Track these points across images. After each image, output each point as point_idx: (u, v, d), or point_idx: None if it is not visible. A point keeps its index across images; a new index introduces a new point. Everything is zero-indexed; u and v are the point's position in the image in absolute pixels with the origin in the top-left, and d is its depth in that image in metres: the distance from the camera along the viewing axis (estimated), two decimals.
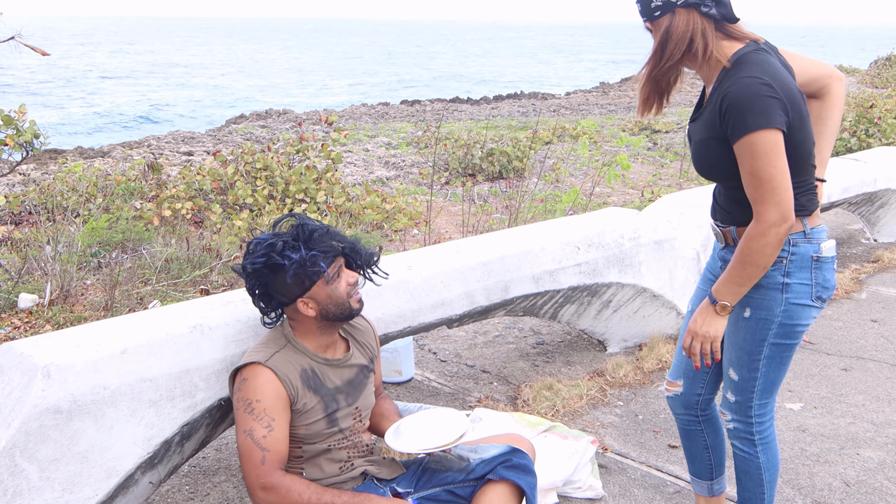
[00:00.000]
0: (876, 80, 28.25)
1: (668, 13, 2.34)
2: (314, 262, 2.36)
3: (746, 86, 2.23)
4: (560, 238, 3.98)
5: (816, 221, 2.46)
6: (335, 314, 2.43)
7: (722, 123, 2.30)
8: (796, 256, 2.41)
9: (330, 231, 2.46)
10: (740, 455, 2.66)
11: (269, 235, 2.42)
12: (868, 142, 11.35)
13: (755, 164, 2.23)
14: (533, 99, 26.15)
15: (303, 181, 8.32)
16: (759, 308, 2.46)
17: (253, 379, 2.34)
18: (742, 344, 2.51)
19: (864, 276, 6.15)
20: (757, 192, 2.26)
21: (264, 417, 2.31)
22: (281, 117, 20.65)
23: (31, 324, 5.16)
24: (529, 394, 4.02)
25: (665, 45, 2.36)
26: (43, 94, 38.19)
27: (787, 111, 2.24)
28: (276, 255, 2.36)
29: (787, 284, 2.42)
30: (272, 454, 2.30)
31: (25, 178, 10.74)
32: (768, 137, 2.20)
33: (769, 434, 2.63)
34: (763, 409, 2.59)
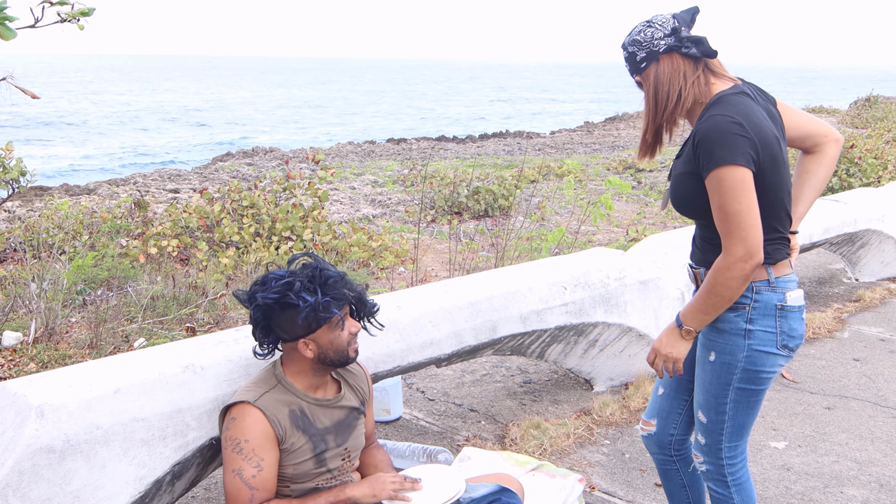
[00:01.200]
0: (856, 121, 28.66)
1: (653, 62, 2.45)
2: (327, 307, 2.39)
3: (716, 123, 2.31)
4: (547, 278, 4.03)
5: (784, 271, 2.48)
6: (332, 359, 2.46)
7: (695, 159, 2.37)
8: (759, 304, 2.44)
9: (344, 278, 2.50)
10: (715, 496, 2.68)
11: (285, 273, 2.44)
12: (849, 181, 11.52)
13: (722, 198, 2.29)
14: (518, 138, 26.39)
15: (289, 219, 8.36)
16: (722, 352, 2.49)
17: (241, 419, 2.36)
18: (708, 387, 2.55)
19: (846, 315, 6.23)
20: (723, 226, 2.31)
21: (253, 458, 2.33)
22: (267, 155, 20.73)
23: (14, 362, 5.14)
24: (517, 432, 4.04)
25: (657, 92, 2.46)
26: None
27: (758, 151, 2.30)
28: (291, 295, 2.38)
29: (750, 331, 2.44)
30: (261, 493, 2.33)
31: (11, 215, 10.72)
32: (735, 173, 2.27)
33: (742, 475, 2.65)
34: (733, 452, 2.61)
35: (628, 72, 2.52)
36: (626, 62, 2.52)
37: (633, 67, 2.50)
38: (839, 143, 2.69)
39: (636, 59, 2.48)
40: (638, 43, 2.46)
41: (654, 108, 2.50)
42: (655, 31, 2.44)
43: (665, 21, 2.44)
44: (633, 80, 2.53)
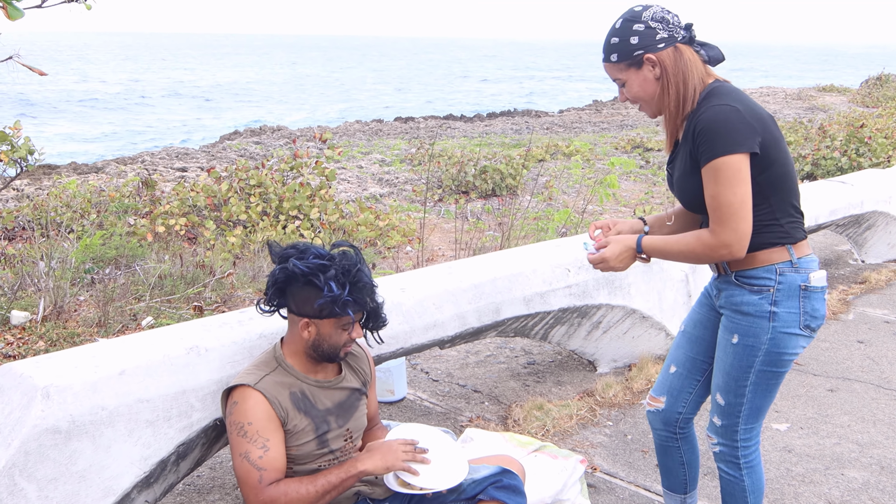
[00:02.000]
0: (867, 100, 28.48)
1: (671, 47, 2.43)
2: (346, 306, 2.41)
3: (717, 113, 2.33)
4: (551, 260, 4.04)
5: (805, 251, 2.51)
6: (323, 351, 2.49)
7: (695, 149, 2.39)
8: (783, 286, 2.46)
9: (373, 287, 2.51)
10: (726, 478, 2.71)
11: (326, 254, 2.44)
12: (858, 161, 11.47)
13: (717, 188, 2.33)
14: (526, 117, 26.29)
15: (297, 198, 8.38)
16: (746, 335, 2.51)
17: (243, 402, 2.39)
18: (729, 370, 2.57)
19: (852, 297, 6.23)
20: (716, 214, 2.36)
21: (258, 439, 2.35)
22: (275, 134, 20.71)
23: (24, 340, 5.19)
24: (520, 413, 4.07)
25: (686, 77, 2.43)
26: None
27: (758, 133, 2.34)
28: (321, 277, 2.39)
29: (775, 313, 2.47)
30: (269, 472, 2.34)
31: (19, 193, 10.77)
32: (732, 163, 2.30)
33: (754, 458, 2.68)
34: (749, 434, 2.64)
35: (630, 47, 2.42)
36: (634, 35, 2.42)
37: (647, 44, 2.41)
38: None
39: (654, 36, 2.41)
40: (664, 21, 2.42)
41: (679, 94, 2.45)
42: (674, 17, 2.44)
43: (677, 16, 2.45)
44: (634, 56, 2.43)
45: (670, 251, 2.52)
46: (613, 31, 2.46)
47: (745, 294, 2.51)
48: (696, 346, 2.78)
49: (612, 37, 2.46)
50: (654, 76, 2.44)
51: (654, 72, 2.44)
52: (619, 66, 2.47)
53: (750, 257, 2.48)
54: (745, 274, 2.50)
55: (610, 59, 2.48)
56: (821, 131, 13.68)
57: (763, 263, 2.47)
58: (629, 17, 2.44)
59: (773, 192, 2.41)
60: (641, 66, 2.44)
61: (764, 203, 2.42)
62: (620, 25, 2.44)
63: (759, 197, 2.40)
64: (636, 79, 2.46)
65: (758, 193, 2.40)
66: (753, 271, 2.48)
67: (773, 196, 2.42)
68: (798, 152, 12.84)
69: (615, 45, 2.45)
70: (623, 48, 2.43)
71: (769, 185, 2.40)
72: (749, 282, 2.50)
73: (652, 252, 2.56)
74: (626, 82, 2.49)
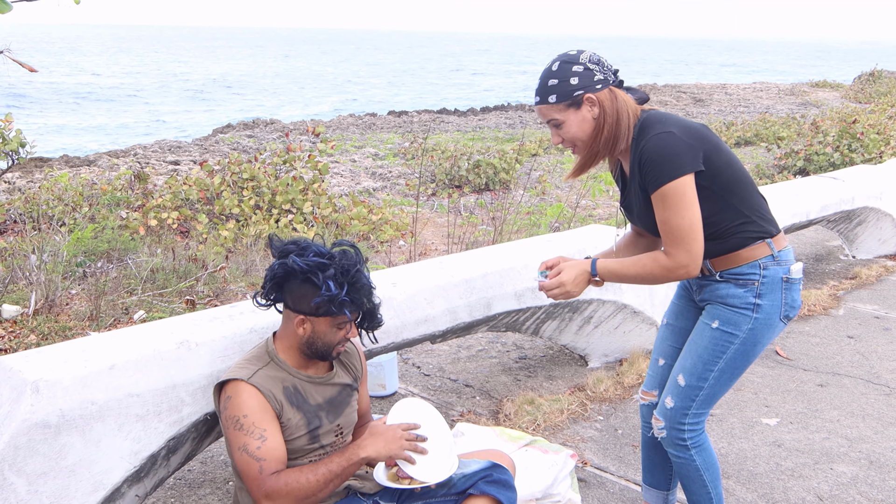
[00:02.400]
0: (859, 96, 28.56)
1: (606, 88, 2.50)
2: (342, 306, 2.41)
3: (656, 141, 2.42)
4: (542, 255, 4.04)
5: (782, 244, 2.60)
6: (317, 349, 2.49)
7: (644, 182, 2.47)
8: (767, 279, 2.55)
9: (370, 288, 2.52)
10: (678, 461, 2.77)
11: (326, 252, 2.44)
12: (851, 156, 11.50)
13: (665, 213, 2.42)
14: (520, 111, 26.29)
15: (290, 192, 8.37)
16: (727, 323, 2.59)
17: (237, 396, 2.38)
18: (701, 353, 2.63)
19: (842, 292, 6.25)
20: (669, 237, 2.45)
21: (255, 430, 2.35)
22: (268, 127, 20.67)
23: (15, 333, 5.18)
24: (511, 408, 4.08)
25: (619, 116, 2.50)
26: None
27: (697, 148, 2.42)
28: (319, 276, 2.39)
29: (759, 305, 2.55)
30: (269, 462, 2.34)
31: (10, 186, 10.73)
32: (677, 187, 2.39)
33: (700, 438, 2.74)
34: (697, 419, 2.71)
35: (570, 87, 2.47)
36: (574, 76, 2.47)
37: (586, 84, 2.47)
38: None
39: (593, 77, 2.47)
40: (600, 64, 2.49)
41: (613, 133, 2.51)
42: (607, 61, 2.52)
43: (607, 60, 2.54)
44: (574, 96, 2.48)
45: (626, 274, 2.58)
46: (551, 74, 2.50)
47: (730, 287, 2.59)
48: (681, 337, 2.84)
49: (550, 79, 2.50)
50: (593, 116, 2.50)
51: (593, 111, 2.50)
52: (557, 107, 2.50)
53: (734, 256, 2.56)
54: (730, 272, 2.59)
55: (548, 101, 2.51)
56: (813, 127, 13.73)
57: (747, 260, 2.55)
58: (567, 60, 2.49)
59: (730, 194, 2.50)
60: (581, 106, 2.49)
61: (727, 207, 2.51)
62: (558, 68, 2.49)
63: (721, 202, 2.50)
64: (575, 119, 2.51)
65: (718, 199, 2.49)
66: (738, 269, 2.57)
67: (732, 197, 2.51)
68: (790, 147, 12.87)
69: (554, 86, 2.49)
70: (563, 89, 2.48)
71: (725, 189, 2.49)
72: (735, 278, 2.58)
73: (607, 275, 2.62)
74: (563, 123, 2.52)
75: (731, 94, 31.80)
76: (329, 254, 2.44)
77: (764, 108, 25.61)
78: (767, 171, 11.92)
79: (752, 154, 15.06)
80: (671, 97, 29.81)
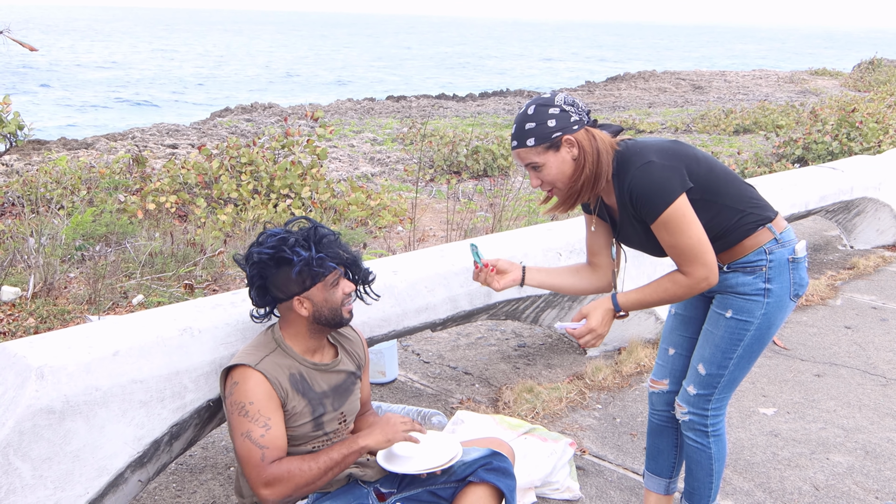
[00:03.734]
0: (859, 84, 28.53)
1: (582, 129, 2.49)
2: (321, 263, 2.43)
3: (640, 175, 2.45)
4: (542, 244, 4.06)
5: (782, 225, 2.66)
6: (327, 319, 2.49)
7: (639, 215, 2.50)
8: (774, 262, 2.60)
9: (338, 240, 2.53)
10: (693, 446, 2.83)
11: (281, 230, 2.47)
12: (849, 146, 11.49)
13: (673, 238, 2.45)
14: (519, 97, 26.23)
15: (288, 176, 8.36)
16: (741, 311, 2.63)
17: (244, 382, 2.39)
18: (718, 342, 2.68)
19: (840, 282, 6.27)
20: (682, 258, 2.49)
21: (260, 418, 2.36)
22: (266, 111, 20.62)
23: (14, 316, 5.19)
24: (510, 396, 4.10)
25: (599, 156, 2.50)
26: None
27: (679, 168, 2.46)
28: (286, 249, 2.41)
29: (769, 289, 2.61)
30: (272, 451, 2.35)
31: (8, 168, 10.71)
32: (676, 211, 2.42)
33: (721, 427, 2.81)
34: (720, 404, 2.78)
35: (547, 130, 2.46)
36: (550, 119, 2.46)
37: (564, 125, 2.46)
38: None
39: (569, 119, 2.47)
40: (575, 105, 2.49)
41: (594, 172, 2.50)
42: (580, 101, 2.52)
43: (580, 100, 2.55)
44: (552, 138, 2.47)
45: (650, 300, 2.60)
46: (527, 118, 2.49)
47: (738, 276, 2.63)
48: (690, 327, 2.88)
49: (527, 122, 2.48)
50: (572, 157, 2.49)
51: (572, 152, 2.49)
52: (536, 150, 2.49)
53: (738, 247, 2.61)
54: (737, 262, 2.63)
55: (526, 144, 2.49)
56: (812, 115, 13.73)
57: (753, 248, 2.60)
58: (542, 103, 2.48)
59: (721, 196, 2.55)
60: (560, 147, 2.48)
61: (722, 209, 2.56)
62: (534, 111, 2.48)
63: (715, 206, 2.54)
64: (554, 161, 2.50)
65: (712, 205, 2.54)
66: (745, 258, 2.61)
67: (723, 198, 2.56)
68: (789, 136, 12.87)
69: (531, 129, 2.48)
70: (540, 132, 2.47)
71: (714, 194, 2.54)
72: (742, 267, 2.62)
73: (631, 306, 2.62)
74: (542, 165, 2.51)
75: (730, 81, 31.77)
76: (284, 230, 2.49)
77: (763, 95, 25.60)
78: (766, 160, 11.92)
79: (750, 142, 15.07)
80: (670, 84, 29.78)
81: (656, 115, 19.67)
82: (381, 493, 2.59)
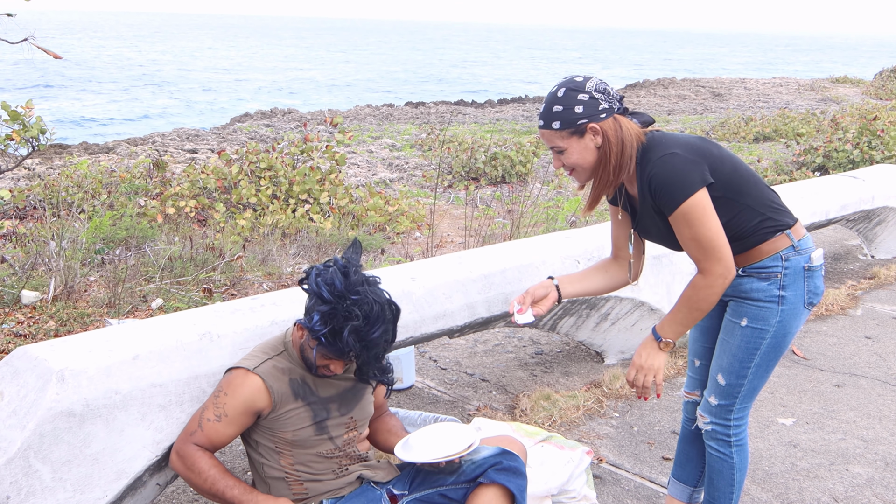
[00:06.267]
0: (880, 92, 28.31)
1: (610, 117, 2.49)
2: (334, 349, 2.40)
3: (662, 164, 2.43)
4: (560, 252, 4.05)
5: (801, 233, 2.64)
6: (304, 357, 2.54)
7: (658, 206, 2.49)
8: (790, 270, 2.59)
9: (379, 358, 2.50)
10: (715, 455, 2.83)
11: (350, 290, 2.38)
12: (870, 154, 11.40)
13: (692, 230, 2.44)
14: (537, 103, 26.23)
15: (306, 182, 8.40)
16: (755, 319, 2.62)
17: (235, 378, 2.48)
18: (735, 352, 2.68)
19: (860, 292, 6.22)
20: (699, 252, 2.47)
21: (220, 408, 2.46)
22: (286, 117, 20.72)
23: (34, 319, 5.23)
24: (527, 403, 4.09)
25: (624, 146, 2.49)
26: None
27: (702, 163, 2.45)
28: (339, 318, 2.36)
29: (783, 297, 2.59)
30: (202, 436, 2.46)
31: (30, 172, 10.81)
32: (695, 203, 2.41)
33: (743, 436, 2.81)
34: (742, 413, 2.77)
35: (574, 116, 2.45)
36: (578, 105, 2.45)
37: (591, 113, 2.45)
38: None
39: (597, 107, 2.46)
40: (606, 93, 2.47)
41: (618, 162, 2.51)
42: (612, 89, 2.51)
43: (613, 88, 2.54)
44: (577, 125, 2.46)
45: (683, 319, 2.57)
46: (556, 100, 2.48)
47: (753, 282, 2.62)
48: (710, 336, 2.88)
49: (555, 105, 2.48)
50: (595, 145, 2.49)
51: (596, 140, 2.49)
52: (560, 134, 2.49)
53: (755, 251, 2.60)
54: (753, 267, 2.62)
55: (551, 127, 2.49)
56: (833, 123, 13.61)
57: (769, 254, 2.59)
58: (573, 87, 2.47)
59: (743, 196, 2.54)
60: (584, 134, 2.48)
61: (743, 209, 2.54)
62: (563, 94, 2.47)
63: (736, 206, 2.53)
64: (577, 147, 2.50)
65: (734, 204, 2.53)
66: (761, 262, 2.60)
67: (745, 198, 2.54)
68: (810, 144, 12.78)
69: (558, 113, 2.47)
70: (567, 116, 2.46)
71: (737, 193, 2.53)
72: (758, 272, 2.61)
73: (672, 331, 2.59)
74: (565, 150, 2.52)
75: (750, 88, 31.61)
76: (348, 293, 2.39)
77: (783, 103, 25.45)
78: (786, 168, 11.85)
79: (770, 150, 14.98)
80: (690, 91, 29.66)
81: (676, 123, 19.60)
82: (393, 495, 2.60)
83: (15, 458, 2.26)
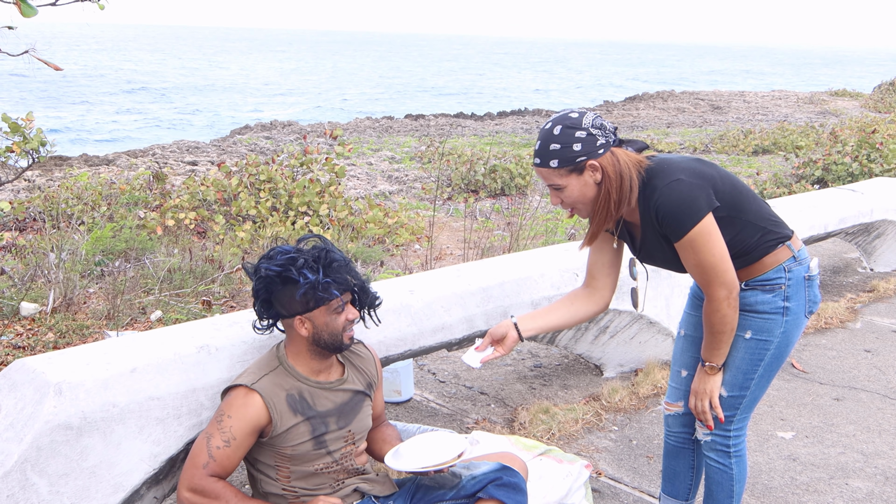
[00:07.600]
0: (879, 105, 28.38)
1: (608, 151, 2.48)
2: (327, 288, 2.43)
3: (668, 193, 2.44)
4: (559, 265, 4.05)
5: (798, 244, 2.67)
6: (326, 343, 2.50)
7: (665, 233, 2.50)
8: (792, 280, 2.60)
9: (349, 264, 2.53)
10: (714, 466, 2.82)
11: (292, 248, 2.48)
12: (869, 167, 11.41)
13: (697, 257, 2.46)
14: (537, 116, 26.30)
15: (306, 194, 8.40)
16: (760, 331, 2.63)
17: (236, 398, 2.44)
18: (739, 364, 2.68)
19: (860, 305, 6.22)
20: (702, 277, 2.49)
21: (227, 432, 2.41)
22: (285, 129, 20.76)
23: (33, 331, 5.23)
24: (526, 416, 4.09)
25: (622, 180, 2.49)
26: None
27: (706, 187, 2.46)
28: (293, 270, 2.42)
29: (787, 308, 2.61)
30: (216, 465, 2.40)
31: (30, 184, 10.82)
32: (702, 230, 2.42)
33: (742, 447, 2.81)
34: (742, 423, 2.77)
35: (572, 153, 2.44)
36: (577, 142, 2.43)
37: (589, 150, 2.44)
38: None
39: (595, 143, 2.44)
40: (602, 128, 2.46)
41: (619, 196, 2.50)
42: (608, 123, 2.51)
43: (607, 121, 2.54)
44: (577, 162, 2.45)
45: (714, 341, 2.60)
46: (552, 137, 2.46)
47: (757, 294, 2.62)
48: (699, 348, 2.85)
49: (551, 143, 2.46)
50: (595, 181, 2.48)
51: (595, 176, 2.48)
52: (559, 172, 2.48)
53: (759, 264, 2.61)
54: (756, 280, 2.63)
55: (549, 165, 2.47)
56: (832, 136, 13.64)
57: (772, 266, 2.60)
58: (569, 125, 2.45)
59: (744, 213, 2.55)
60: (583, 171, 2.47)
61: (745, 225, 2.56)
62: (560, 132, 2.45)
63: (738, 223, 2.54)
64: (577, 184, 2.49)
65: (736, 222, 2.54)
66: (765, 275, 2.61)
67: (746, 215, 2.56)
68: (809, 157, 12.80)
69: (556, 151, 2.45)
70: (565, 154, 2.44)
71: (738, 210, 2.54)
72: (762, 284, 2.62)
73: (710, 356, 2.63)
74: (565, 188, 2.50)
75: (749, 101, 31.70)
76: (295, 248, 2.48)
77: (782, 116, 25.52)
78: (785, 181, 11.86)
79: (769, 163, 15.01)
80: (689, 104, 29.74)
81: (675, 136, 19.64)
82: None
83: (12, 472, 2.25)
